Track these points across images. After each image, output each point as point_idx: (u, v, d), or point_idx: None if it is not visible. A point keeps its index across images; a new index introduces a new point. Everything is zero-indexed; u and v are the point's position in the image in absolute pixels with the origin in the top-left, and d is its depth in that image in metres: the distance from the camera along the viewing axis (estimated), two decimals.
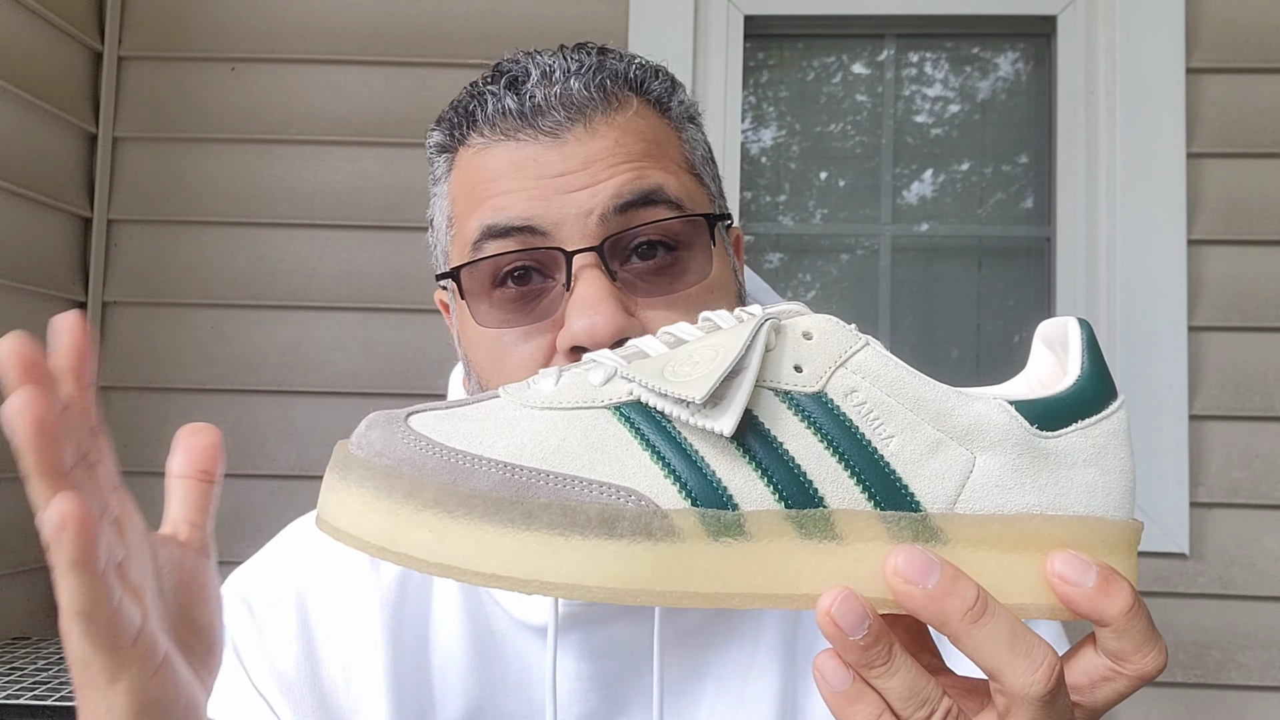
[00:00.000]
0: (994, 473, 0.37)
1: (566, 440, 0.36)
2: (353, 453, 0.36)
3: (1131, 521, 0.39)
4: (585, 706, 0.62)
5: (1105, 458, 0.38)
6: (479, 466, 0.35)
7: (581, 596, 0.35)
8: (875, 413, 0.37)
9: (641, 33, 1.65)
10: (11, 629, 1.53)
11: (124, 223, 1.70)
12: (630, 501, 0.35)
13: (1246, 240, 1.61)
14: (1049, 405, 0.38)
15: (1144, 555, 1.58)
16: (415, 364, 1.66)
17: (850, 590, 0.35)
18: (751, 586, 0.36)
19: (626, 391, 0.37)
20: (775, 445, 0.37)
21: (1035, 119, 1.79)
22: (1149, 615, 0.37)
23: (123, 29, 1.71)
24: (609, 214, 0.56)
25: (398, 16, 1.70)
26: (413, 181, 1.68)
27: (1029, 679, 0.35)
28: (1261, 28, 1.63)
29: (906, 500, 0.37)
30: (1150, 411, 1.58)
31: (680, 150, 0.62)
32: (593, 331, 0.54)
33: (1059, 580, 0.36)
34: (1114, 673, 0.37)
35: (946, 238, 1.80)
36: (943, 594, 0.35)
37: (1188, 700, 1.58)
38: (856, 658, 0.36)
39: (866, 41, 1.83)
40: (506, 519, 0.35)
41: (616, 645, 0.62)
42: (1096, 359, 0.39)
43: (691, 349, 0.38)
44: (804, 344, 0.38)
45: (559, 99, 0.57)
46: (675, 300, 0.57)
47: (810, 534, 0.36)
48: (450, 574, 0.35)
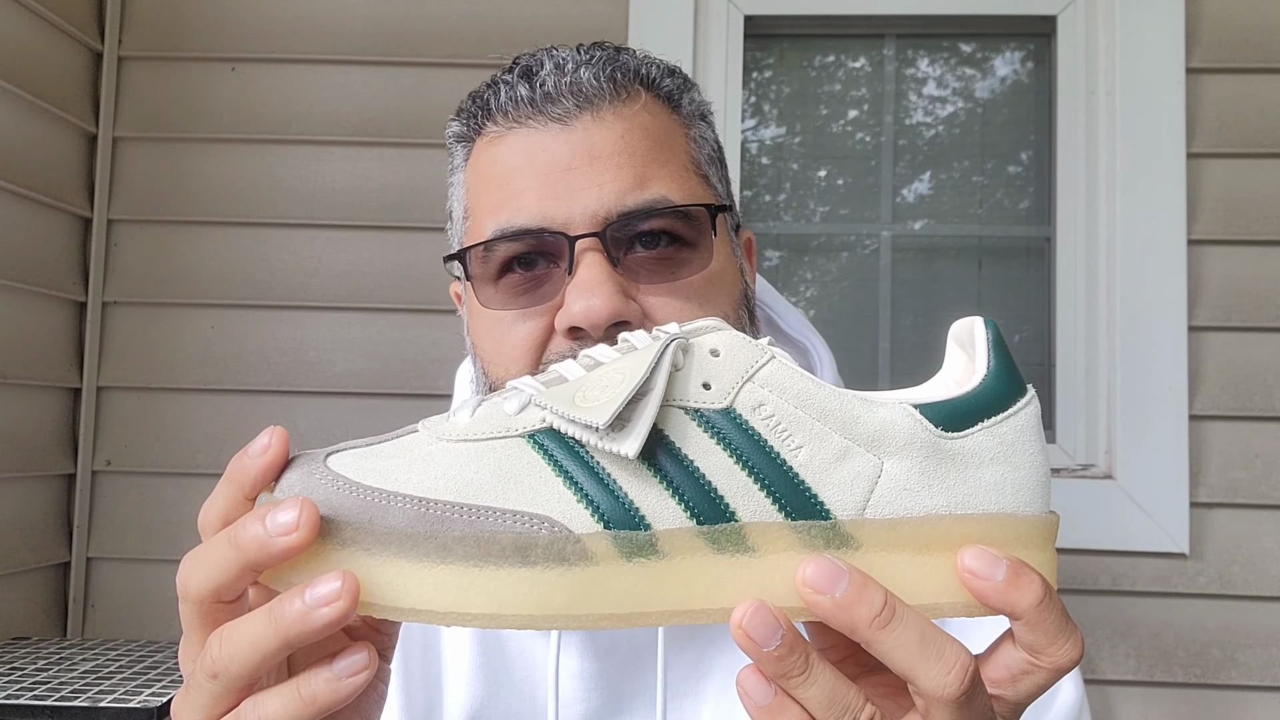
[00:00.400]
0: (901, 476, 0.38)
1: (480, 472, 0.37)
2: (275, 497, 0.37)
3: (1045, 515, 0.39)
4: (588, 705, 0.62)
5: (1014, 454, 0.38)
6: (393, 503, 0.36)
7: (499, 625, 0.35)
8: (783, 425, 0.38)
9: (641, 33, 1.65)
10: (11, 629, 1.53)
11: (124, 223, 1.70)
12: (544, 529, 0.36)
13: (1246, 240, 1.61)
14: (953, 407, 0.38)
15: (1144, 555, 1.58)
16: (415, 364, 1.66)
17: (762, 602, 0.36)
18: (667, 604, 0.36)
19: (539, 419, 0.38)
20: (686, 463, 0.37)
21: (1035, 119, 1.79)
22: (1063, 607, 0.37)
23: (123, 29, 1.71)
24: (613, 217, 0.57)
25: (398, 16, 1.70)
26: (413, 181, 1.68)
27: (941, 681, 0.35)
28: (1261, 28, 1.63)
29: (816, 509, 0.37)
30: (1150, 411, 1.58)
31: (686, 148, 0.63)
32: (589, 313, 0.55)
33: (969, 575, 0.37)
34: (1032, 665, 0.37)
35: (946, 238, 1.80)
36: (850, 602, 0.35)
37: (1188, 700, 1.58)
38: (773, 669, 0.36)
39: (866, 41, 1.83)
40: (422, 554, 0.35)
41: (620, 644, 0.62)
42: (1002, 357, 0.40)
43: (604, 373, 0.38)
44: (711, 361, 0.38)
45: (569, 87, 0.58)
46: (677, 288, 0.58)
47: (723, 548, 0.37)
48: (370, 610, 0.35)
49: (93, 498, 1.66)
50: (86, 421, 1.65)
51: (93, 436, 1.66)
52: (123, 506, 1.66)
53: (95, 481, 1.66)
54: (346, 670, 0.35)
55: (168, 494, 1.66)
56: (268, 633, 0.34)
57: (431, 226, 1.65)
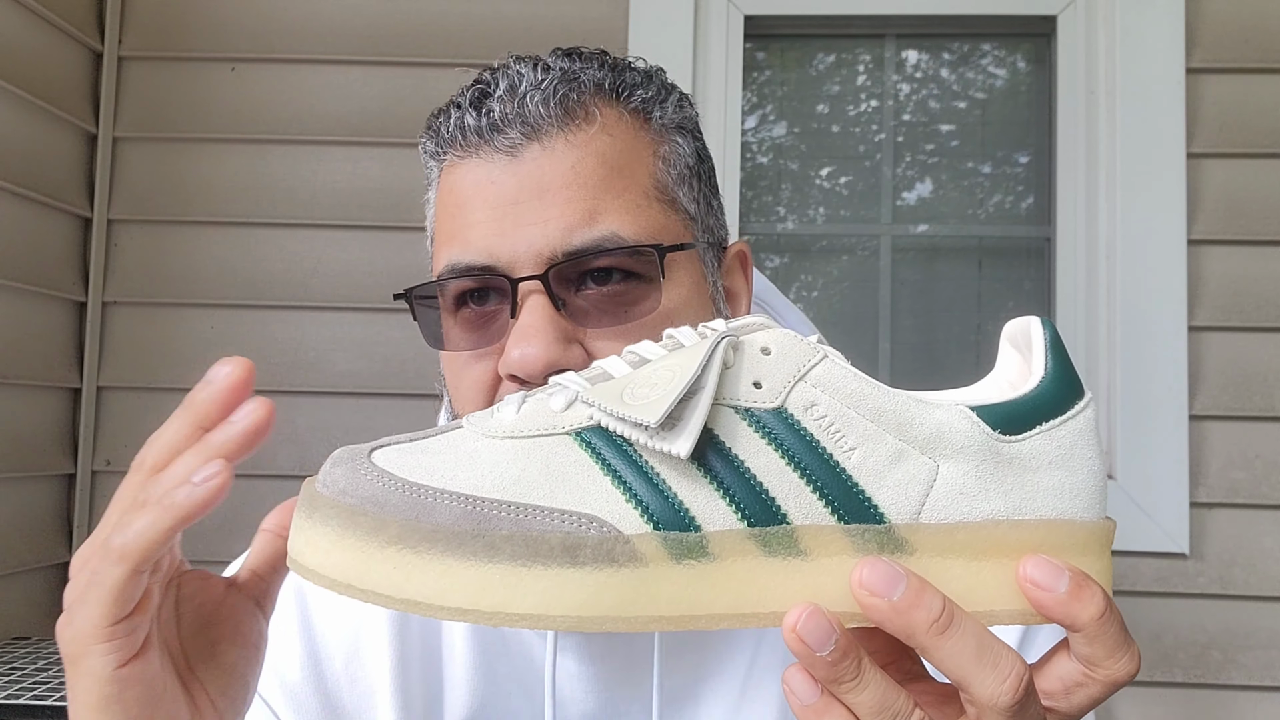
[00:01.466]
0: (957, 480, 0.37)
1: (527, 469, 0.36)
2: (318, 491, 0.36)
3: (1102, 522, 0.38)
4: (585, 707, 0.62)
5: (1072, 459, 0.38)
6: (440, 500, 0.35)
7: (547, 627, 0.35)
8: (836, 425, 0.37)
9: (641, 33, 1.64)
10: (11, 629, 1.53)
11: (124, 223, 1.70)
12: (592, 529, 0.35)
13: (1246, 240, 1.61)
14: (1011, 409, 0.38)
15: (1144, 555, 1.58)
16: (415, 364, 1.66)
17: (816, 606, 0.35)
18: (717, 607, 0.36)
19: (587, 416, 0.37)
20: (736, 463, 0.36)
21: (1035, 119, 1.79)
22: (1121, 620, 0.37)
23: (123, 29, 1.71)
24: (558, 257, 0.55)
25: (398, 16, 1.70)
26: (413, 181, 1.68)
27: (997, 689, 0.35)
28: (1261, 28, 1.63)
29: (870, 512, 0.37)
30: (1150, 411, 1.58)
31: (651, 170, 0.59)
32: (524, 362, 0.53)
33: (1031, 585, 0.36)
34: (1087, 678, 0.37)
35: (946, 238, 1.80)
36: (908, 606, 0.35)
37: (1188, 700, 1.58)
38: (825, 673, 0.35)
39: (866, 41, 1.83)
40: (469, 552, 0.34)
41: (617, 649, 0.62)
42: (1060, 359, 0.39)
43: (652, 369, 0.38)
44: (762, 360, 0.38)
45: (516, 115, 0.56)
46: (628, 330, 0.56)
47: (774, 551, 0.36)
48: (417, 609, 0.34)
49: (93, 498, 1.66)
50: (86, 421, 1.65)
51: (93, 436, 1.66)
52: None
53: (95, 481, 1.66)
54: (204, 476, 0.38)
55: None
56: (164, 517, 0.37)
57: None
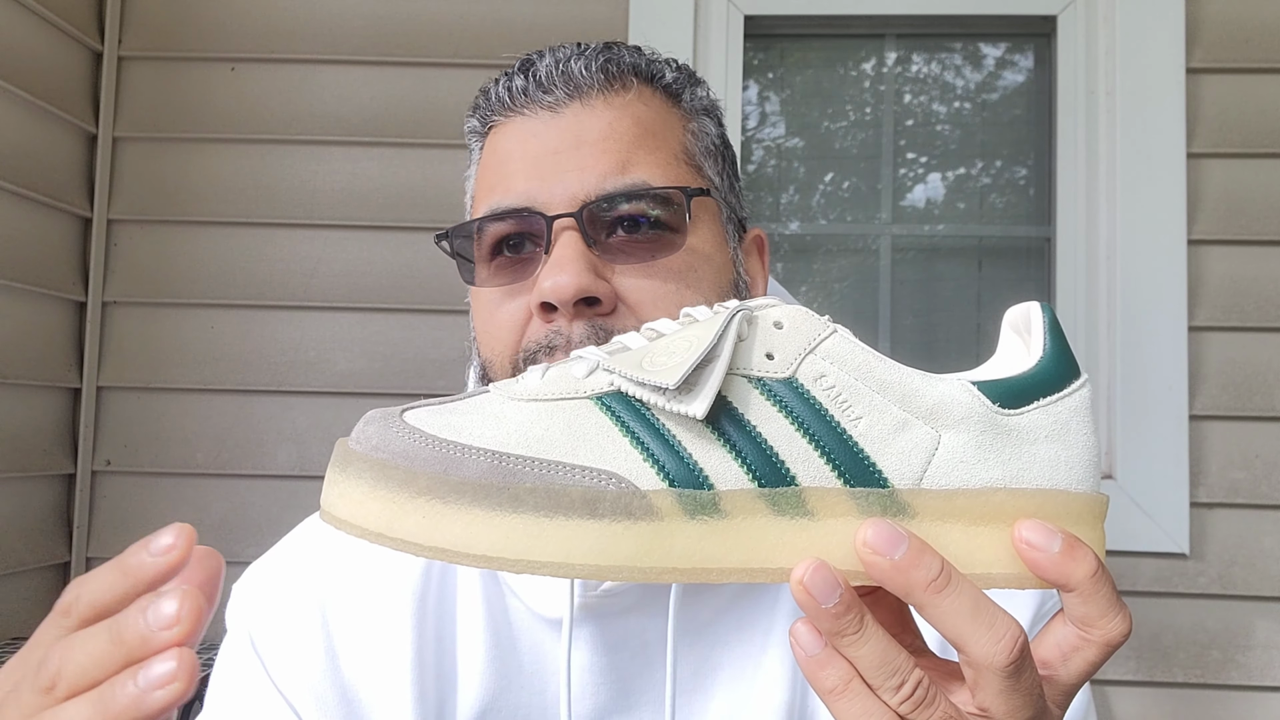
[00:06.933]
0: (958, 449, 0.39)
1: (550, 429, 0.38)
2: (352, 448, 0.38)
3: (1096, 494, 0.40)
4: (597, 699, 0.63)
5: (1068, 434, 0.40)
6: (468, 455, 0.37)
7: (567, 574, 0.37)
8: (844, 396, 0.39)
9: (642, 33, 1.65)
10: (11, 629, 1.53)
11: (124, 223, 1.70)
12: (611, 484, 0.37)
13: (1246, 240, 1.61)
14: (1011, 385, 0.40)
15: (1144, 555, 1.58)
16: (415, 364, 1.66)
17: (822, 561, 0.37)
18: (728, 561, 0.38)
19: (608, 382, 0.39)
20: (748, 428, 0.38)
21: (1035, 119, 1.79)
22: (1113, 582, 0.39)
23: (123, 29, 1.71)
24: (591, 198, 0.59)
25: (398, 16, 1.70)
26: (413, 181, 1.68)
27: (992, 649, 0.37)
28: (1261, 28, 1.63)
29: (875, 477, 0.39)
30: (1150, 411, 1.58)
31: (681, 138, 0.63)
32: (556, 289, 0.56)
33: (1026, 546, 0.38)
34: (1082, 640, 0.39)
35: (947, 238, 1.80)
36: (909, 565, 0.37)
37: (1188, 700, 1.58)
38: (829, 625, 0.37)
39: (867, 41, 1.83)
40: (494, 503, 0.36)
41: (630, 639, 0.62)
42: (1058, 340, 0.41)
43: (669, 341, 0.40)
44: (775, 333, 0.40)
45: (561, 76, 0.61)
46: (653, 269, 0.59)
47: (783, 511, 0.38)
48: (444, 556, 0.36)
49: (93, 498, 1.66)
50: (86, 421, 1.65)
51: (93, 436, 1.66)
52: (123, 506, 1.66)
53: (95, 481, 1.66)
54: (154, 682, 0.33)
55: (167, 494, 1.66)
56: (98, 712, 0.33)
57: (431, 226, 1.65)
